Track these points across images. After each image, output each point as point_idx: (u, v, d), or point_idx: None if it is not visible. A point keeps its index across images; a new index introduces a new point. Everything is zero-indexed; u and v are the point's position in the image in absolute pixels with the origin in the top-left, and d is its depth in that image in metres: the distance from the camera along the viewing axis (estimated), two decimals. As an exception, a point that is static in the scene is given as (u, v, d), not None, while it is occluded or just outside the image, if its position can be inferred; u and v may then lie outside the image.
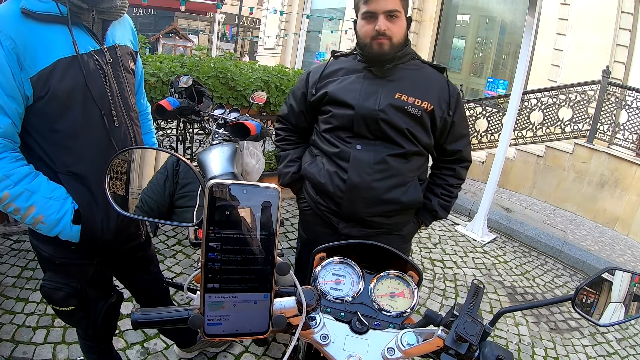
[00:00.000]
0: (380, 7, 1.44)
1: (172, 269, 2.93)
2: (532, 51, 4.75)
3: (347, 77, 1.60)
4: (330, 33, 12.69)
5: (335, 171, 1.57)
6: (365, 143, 1.55)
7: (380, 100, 1.52)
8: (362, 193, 1.54)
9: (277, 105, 4.12)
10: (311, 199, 1.69)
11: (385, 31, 1.46)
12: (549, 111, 6.25)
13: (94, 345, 1.64)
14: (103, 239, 1.34)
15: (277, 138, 1.87)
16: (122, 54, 1.36)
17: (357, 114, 1.53)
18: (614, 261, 4.30)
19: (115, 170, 1.01)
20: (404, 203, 1.59)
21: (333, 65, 1.67)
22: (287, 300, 0.73)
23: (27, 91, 1.13)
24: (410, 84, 1.55)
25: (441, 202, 1.71)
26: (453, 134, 1.64)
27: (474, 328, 0.73)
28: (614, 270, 0.93)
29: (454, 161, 1.71)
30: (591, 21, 7.09)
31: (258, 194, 0.61)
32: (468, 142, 1.71)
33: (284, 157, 1.81)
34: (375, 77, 1.56)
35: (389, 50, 1.49)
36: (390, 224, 1.64)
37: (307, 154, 1.73)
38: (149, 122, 1.74)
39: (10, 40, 1.07)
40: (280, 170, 1.80)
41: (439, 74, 1.63)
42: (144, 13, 19.03)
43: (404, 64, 1.58)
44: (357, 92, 1.55)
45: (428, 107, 1.54)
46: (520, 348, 2.78)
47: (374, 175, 1.53)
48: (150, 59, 3.52)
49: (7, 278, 2.56)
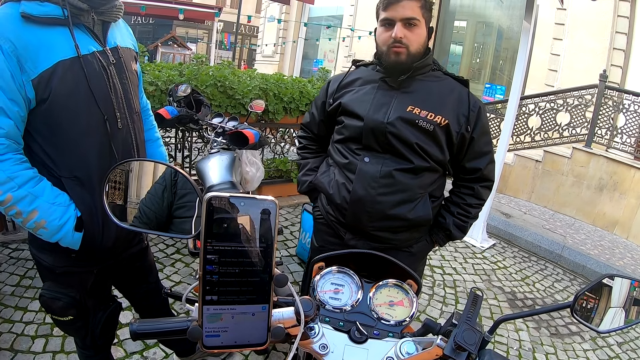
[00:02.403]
0: (398, 14, 1.40)
1: (171, 278, 2.92)
2: (529, 56, 4.77)
3: (362, 87, 1.57)
4: (328, 41, 12.77)
5: (343, 182, 1.55)
6: (373, 156, 1.51)
7: (391, 112, 1.47)
8: (366, 207, 1.50)
9: (276, 114, 4.13)
10: (323, 208, 1.67)
11: (402, 39, 1.41)
12: (546, 116, 6.28)
13: (92, 355, 1.63)
14: (103, 246, 1.33)
15: (299, 146, 1.86)
16: (125, 56, 1.36)
17: (365, 126, 1.49)
18: (614, 265, 4.29)
19: (113, 180, 1.01)
20: (411, 220, 1.52)
21: (352, 74, 1.63)
22: (285, 311, 0.73)
23: (29, 94, 1.12)
24: (426, 96, 1.49)
25: (456, 222, 1.62)
26: (472, 150, 1.55)
27: (473, 337, 0.73)
28: (613, 277, 0.93)
29: (473, 180, 1.61)
30: (588, 25, 7.14)
31: (256, 206, 0.62)
32: (490, 160, 1.59)
33: (303, 165, 1.80)
34: (389, 88, 1.51)
35: (405, 59, 1.44)
36: (397, 239, 1.58)
37: (324, 164, 1.71)
38: (151, 118, 1.74)
39: (9, 44, 1.07)
40: (299, 178, 1.79)
41: (461, 86, 1.55)
42: (143, 21, 19.15)
43: (423, 75, 1.52)
44: (369, 103, 1.51)
45: (442, 121, 1.46)
46: (521, 354, 2.77)
47: (379, 189, 1.49)
48: (149, 67, 3.54)
49: (5, 287, 2.55)
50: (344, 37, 11.59)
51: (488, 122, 1.61)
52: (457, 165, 1.61)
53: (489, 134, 1.63)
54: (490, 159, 1.60)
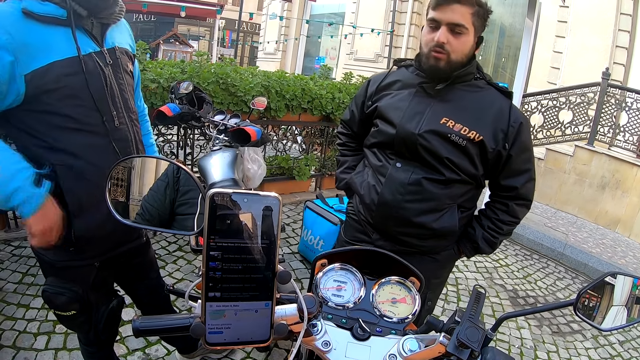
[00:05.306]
0: (446, 17, 1.32)
1: (173, 275, 2.92)
2: (531, 54, 4.76)
3: (400, 91, 1.52)
4: (330, 38, 12.72)
5: (373, 185, 1.53)
6: (405, 162, 1.48)
7: (423, 123, 1.41)
8: (392, 211, 1.48)
9: (278, 111, 4.13)
10: (356, 206, 1.65)
11: (445, 44, 1.33)
12: (549, 114, 6.26)
13: (95, 351, 1.64)
14: (100, 235, 1.33)
15: (339, 142, 1.85)
16: (121, 56, 1.37)
17: (397, 135, 1.45)
18: (616, 263, 4.29)
19: (115, 177, 1.01)
20: (435, 230, 1.48)
21: (393, 75, 1.58)
22: (288, 308, 0.73)
23: (20, 88, 1.12)
24: (463, 108, 1.42)
25: (486, 236, 1.55)
26: (509, 168, 1.47)
27: (476, 334, 0.73)
28: (615, 275, 0.93)
29: (508, 197, 1.53)
30: (590, 23, 7.11)
31: (259, 202, 0.61)
32: (529, 178, 1.52)
33: (342, 162, 1.79)
34: (427, 95, 1.45)
35: (444, 66, 1.37)
36: (423, 245, 1.54)
37: (361, 163, 1.69)
38: (147, 123, 1.75)
39: (7, 35, 1.08)
40: (338, 174, 1.79)
41: (503, 98, 1.46)
42: (144, 19, 19.15)
43: (464, 83, 1.45)
44: (403, 110, 1.46)
45: (476, 137, 1.39)
46: (522, 352, 2.76)
47: (406, 195, 1.45)
48: (151, 64, 3.53)
49: (8, 284, 2.56)
50: (345, 35, 11.56)
51: (530, 139, 1.54)
52: (493, 181, 1.55)
53: (530, 151, 1.53)
54: (529, 178, 1.52)
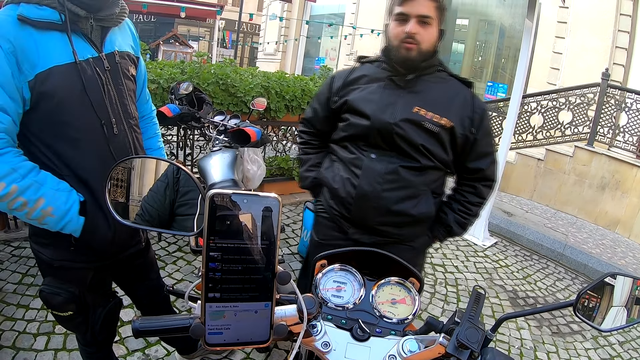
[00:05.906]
0: (414, 10, 1.41)
1: (173, 276, 2.92)
2: (531, 54, 4.76)
3: (368, 85, 1.57)
4: (330, 39, 12.73)
5: (348, 177, 1.56)
6: (380, 153, 1.53)
7: (397, 113, 1.48)
8: (371, 202, 1.52)
9: (277, 111, 4.13)
10: (326, 202, 1.68)
11: (415, 35, 1.42)
12: (549, 114, 6.26)
13: (94, 352, 1.64)
14: (102, 239, 1.33)
15: (300, 141, 1.85)
16: (121, 61, 1.36)
17: (372, 126, 1.50)
18: (616, 264, 4.29)
19: (115, 177, 1.01)
20: (414, 216, 1.55)
21: (358, 71, 1.63)
22: (288, 309, 0.73)
23: (25, 94, 1.14)
24: (432, 97, 1.51)
25: (457, 218, 1.64)
26: (475, 151, 1.57)
27: (476, 335, 0.73)
28: (615, 275, 0.93)
29: (475, 179, 1.63)
30: (590, 24, 7.12)
31: (258, 203, 0.61)
32: (492, 160, 1.61)
33: (305, 160, 1.80)
34: (396, 87, 1.52)
35: (415, 56, 1.45)
36: (400, 234, 1.60)
37: (327, 159, 1.71)
38: (155, 126, 1.73)
39: (9, 44, 1.08)
40: (302, 173, 1.80)
41: (465, 88, 1.57)
42: (144, 19, 19.14)
43: (429, 75, 1.54)
44: (375, 102, 1.52)
45: (447, 124, 1.48)
46: (522, 352, 2.76)
47: (384, 185, 1.50)
48: (151, 65, 3.54)
49: (7, 285, 2.56)
50: (345, 35, 11.58)
51: (491, 124, 1.63)
52: (460, 165, 1.62)
53: (492, 136, 1.65)
54: (493, 159, 1.62)
